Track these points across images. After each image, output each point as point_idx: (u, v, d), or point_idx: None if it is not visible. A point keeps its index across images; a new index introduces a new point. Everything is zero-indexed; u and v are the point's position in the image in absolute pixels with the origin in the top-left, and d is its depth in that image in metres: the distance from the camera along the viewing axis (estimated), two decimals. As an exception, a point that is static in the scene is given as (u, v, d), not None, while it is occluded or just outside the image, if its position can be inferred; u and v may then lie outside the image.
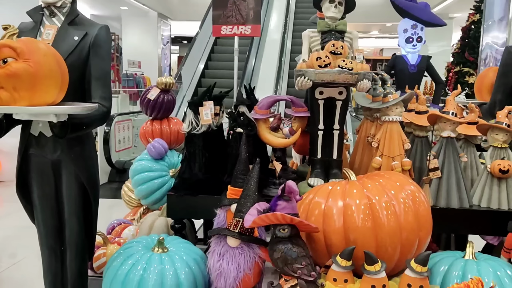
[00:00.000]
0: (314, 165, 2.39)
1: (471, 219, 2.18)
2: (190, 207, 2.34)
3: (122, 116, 6.92)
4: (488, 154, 2.24)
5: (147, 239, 2.22)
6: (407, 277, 1.66)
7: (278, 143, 2.39)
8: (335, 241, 1.77)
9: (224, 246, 1.84)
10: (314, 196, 1.93)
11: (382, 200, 1.78)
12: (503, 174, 2.15)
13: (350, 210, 1.78)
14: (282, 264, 1.69)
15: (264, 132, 2.39)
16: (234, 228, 1.84)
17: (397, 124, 2.27)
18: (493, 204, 2.19)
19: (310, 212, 1.88)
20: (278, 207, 1.71)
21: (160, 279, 1.94)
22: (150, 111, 3.25)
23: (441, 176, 2.21)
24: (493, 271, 1.88)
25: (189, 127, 2.37)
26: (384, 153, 2.25)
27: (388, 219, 1.75)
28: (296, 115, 2.56)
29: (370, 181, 1.89)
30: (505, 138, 2.21)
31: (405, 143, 2.26)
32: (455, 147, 2.24)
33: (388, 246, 1.73)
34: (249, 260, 1.80)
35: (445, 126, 2.23)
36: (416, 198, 1.84)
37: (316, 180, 2.31)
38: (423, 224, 1.81)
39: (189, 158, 2.39)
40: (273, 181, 2.42)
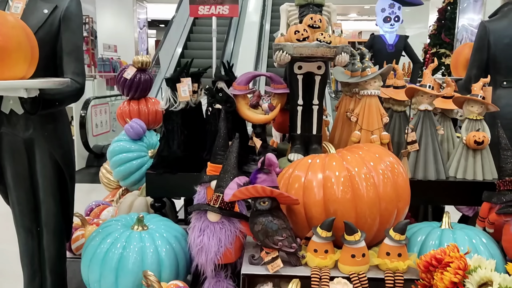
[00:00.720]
0: (293, 141, 2.39)
1: (447, 190, 2.22)
2: (169, 185, 2.31)
3: (99, 100, 6.78)
4: (463, 126, 2.27)
5: (126, 217, 2.19)
6: (386, 245, 1.68)
7: (258, 119, 2.38)
8: (315, 213, 1.78)
9: (205, 222, 1.82)
10: (293, 170, 1.93)
11: (362, 172, 1.79)
12: (478, 145, 2.19)
13: (329, 182, 1.78)
14: (263, 236, 1.68)
15: (243, 108, 2.37)
16: (215, 203, 1.83)
17: (375, 98, 2.27)
18: (468, 175, 2.24)
19: (290, 186, 1.88)
20: (258, 180, 1.70)
21: (140, 257, 1.93)
22: (127, 90, 3.19)
23: (418, 149, 2.23)
24: (469, 239, 1.92)
25: (166, 104, 2.33)
26: (363, 127, 2.25)
27: (368, 190, 1.76)
28: (275, 91, 2.54)
29: (349, 154, 1.90)
30: (480, 110, 2.25)
31: (383, 117, 2.27)
32: (432, 120, 2.27)
33: (368, 216, 1.75)
34: (230, 235, 1.80)
35: (422, 100, 2.25)
36: (395, 170, 1.86)
37: (296, 156, 2.31)
38: (401, 195, 1.83)
39: (167, 136, 2.35)
40: (253, 157, 2.42)
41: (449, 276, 1.43)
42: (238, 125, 2.45)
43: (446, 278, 1.43)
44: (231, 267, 1.91)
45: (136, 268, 1.91)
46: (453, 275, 1.42)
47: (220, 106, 2.30)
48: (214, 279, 1.89)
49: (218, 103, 2.32)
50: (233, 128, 2.37)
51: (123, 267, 1.89)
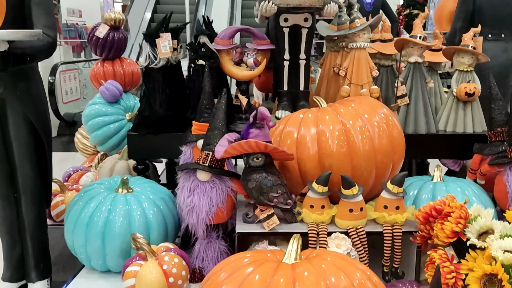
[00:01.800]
0: (280, 98, 2.30)
1: (438, 144, 2.19)
2: (152, 146, 2.21)
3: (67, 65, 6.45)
4: (454, 78, 2.23)
5: (109, 180, 2.08)
6: (383, 199, 1.65)
7: (243, 75, 2.27)
8: (310, 168, 1.72)
9: (194, 181, 1.74)
10: (285, 126, 1.85)
11: (357, 125, 1.73)
12: (469, 97, 2.16)
13: (324, 137, 1.72)
14: (257, 193, 1.62)
15: (227, 64, 2.26)
16: (204, 161, 1.74)
17: (364, 51, 2.20)
18: (458, 128, 2.21)
19: (282, 142, 1.81)
20: (251, 135, 1.62)
21: (127, 220, 1.84)
22: (100, 50, 3.01)
23: (409, 103, 2.19)
24: (461, 191, 1.92)
25: (146, 61, 2.19)
26: (352, 81, 2.18)
27: (363, 143, 1.70)
28: (259, 47, 2.43)
29: (342, 107, 1.83)
30: (470, 61, 2.20)
31: (373, 70, 2.20)
32: (422, 72, 2.22)
33: (364, 170, 1.70)
34: (221, 194, 1.73)
35: (412, 51, 2.19)
36: (390, 122, 1.81)
37: (283, 112, 2.23)
38: (396, 147, 1.78)
39: (148, 95, 2.23)
40: (239, 116, 2.32)
41: (451, 225, 1.40)
42: (222, 83, 2.34)
43: (447, 228, 1.41)
44: (222, 227, 1.85)
45: (124, 231, 1.83)
46: (455, 225, 1.40)
47: (203, 62, 2.18)
48: (205, 240, 1.83)
49: (201, 58, 2.20)
50: (217, 85, 2.26)
51: (110, 231, 1.81)
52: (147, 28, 7.51)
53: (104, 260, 1.86)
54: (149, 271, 1.65)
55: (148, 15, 9.78)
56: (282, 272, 1.17)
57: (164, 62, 2.21)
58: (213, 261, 1.82)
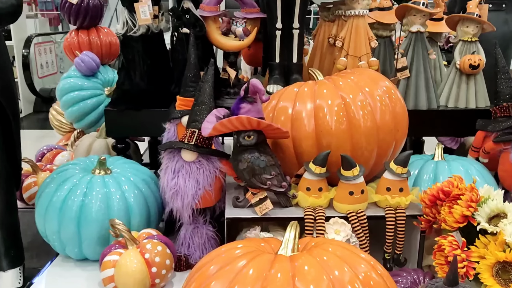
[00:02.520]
0: (272, 71, 2.13)
1: (439, 120, 2.06)
2: (133, 123, 2.03)
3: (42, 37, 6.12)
4: (457, 49, 2.08)
5: (85, 160, 1.91)
6: (386, 180, 1.51)
7: (231, 45, 2.09)
8: (306, 147, 1.57)
9: (179, 162, 1.58)
10: (278, 100, 1.69)
11: (357, 99, 1.58)
12: (473, 69, 2.02)
13: (322, 112, 1.56)
14: (249, 175, 1.47)
15: (215, 33, 2.07)
16: (190, 140, 1.57)
17: (363, 19, 2.03)
18: (460, 103, 2.08)
19: (276, 119, 1.65)
20: (242, 110, 1.45)
21: (105, 204, 1.68)
22: (74, 18, 2.76)
23: (409, 76, 2.04)
24: (464, 170, 1.80)
25: (124, 28, 1.99)
26: (350, 53, 2.02)
27: (364, 119, 1.56)
28: (248, 16, 2.24)
29: (341, 79, 1.67)
30: (475, 31, 2.06)
31: (371, 40, 2.04)
32: (425, 43, 2.07)
33: (364, 149, 1.56)
34: (209, 175, 1.57)
35: (414, 20, 2.03)
36: (392, 96, 1.66)
37: (275, 87, 2.06)
38: (399, 124, 1.64)
39: (127, 66, 2.03)
40: (226, 90, 2.15)
41: (461, 209, 1.28)
42: (208, 54, 2.15)
43: (457, 212, 1.28)
44: (210, 212, 1.70)
45: (101, 216, 1.66)
46: (465, 208, 1.27)
47: (188, 31, 1.98)
48: (191, 226, 1.68)
49: (186, 26, 2.00)
50: (203, 57, 2.08)
51: (85, 216, 1.64)
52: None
53: (80, 248, 1.70)
54: (129, 261, 1.50)
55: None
56: (280, 265, 1.02)
57: (144, 30, 2.01)
58: (200, 248, 1.68)
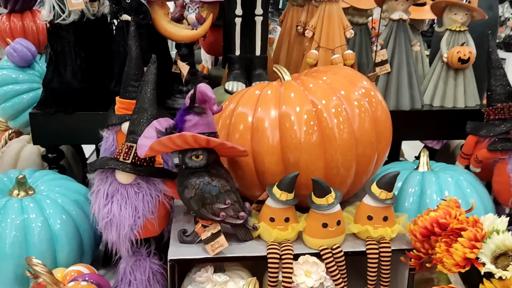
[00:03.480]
0: (231, 65, 1.82)
1: (424, 122, 1.80)
2: (63, 129, 1.69)
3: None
4: (443, 40, 1.82)
5: (3, 177, 1.56)
6: (367, 206, 1.24)
7: (182, 35, 1.76)
8: (269, 165, 1.28)
9: (113, 184, 1.27)
10: (236, 105, 1.39)
11: (331, 105, 1.29)
12: (462, 64, 1.76)
13: (288, 122, 1.27)
14: (198, 205, 1.17)
15: (162, 20, 1.73)
16: (126, 157, 1.26)
17: (337, 5, 1.74)
18: (447, 102, 1.83)
19: (233, 128, 1.35)
20: (187, 123, 1.15)
21: (22, 234, 1.35)
22: (4, 0, 2.38)
23: (390, 71, 1.77)
24: (454, 182, 1.56)
25: (50, 15, 1.64)
26: (322, 45, 1.73)
27: (340, 129, 1.27)
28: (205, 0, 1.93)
29: (311, 80, 1.38)
30: (465, 19, 1.79)
31: (347, 30, 1.76)
32: (408, 33, 1.79)
33: (341, 166, 1.28)
34: (151, 201, 1.26)
35: (396, 5, 1.75)
36: (373, 98, 1.38)
37: (235, 85, 1.76)
38: (382, 133, 1.37)
39: (56, 61, 1.68)
40: (179, 88, 1.83)
41: (463, 250, 1.03)
42: (157, 44, 1.82)
43: (457, 253, 1.03)
44: (155, 241, 1.40)
45: (17, 251, 1.34)
46: (468, 249, 1.02)
47: (129, 18, 1.64)
48: (132, 258, 1.37)
49: (126, 12, 1.66)
50: (150, 49, 1.75)
51: (-4, 252, 1.32)
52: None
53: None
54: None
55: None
56: None
57: (76, 16, 1.67)
58: (144, 285, 1.38)
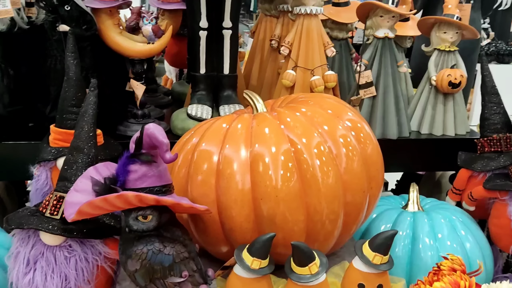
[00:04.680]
0: (195, 85, 1.57)
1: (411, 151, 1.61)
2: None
3: None
4: (432, 61, 1.64)
5: None
6: (357, 272, 1.00)
7: (136, 50, 1.49)
8: (239, 220, 1.03)
9: (37, 246, 0.99)
10: (200, 140, 1.14)
11: (312, 143, 1.06)
12: (453, 88, 1.58)
13: (262, 164, 1.03)
14: (145, 280, 0.90)
15: (111, 32, 1.46)
16: (54, 211, 0.99)
17: (317, 20, 1.52)
18: (436, 130, 1.64)
19: (195, 167, 1.09)
20: (132, 175, 0.88)
21: None
22: None
23: (376, 95, 1.57)
24: (447, 223, 1.37)
25: (-31, 25, 1.34)
26: (300, 64, 1.51)
27: (324, 173, 1.04)
28: (165, 7, 1.68)
29: (289, 113, 1.14)
30: (455, 38, 1.61)
31: (327, 48, 1.54)
32: (393, 52, 1.60)
33: (326, 218, 1.05)
34: (86, 267, 0.99)
35: (381, 22, 1.55)
36: (360, 132, 1.16)
37: (199, 108, 1.52)
38: (373, 173, 1.15)
39: (-23, 80, 1.39)
40: (133, 112, 1.57)
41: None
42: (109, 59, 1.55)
43: None
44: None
45: None
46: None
47: (67, 28, 1.36)
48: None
49: (65, 22, 1.38)
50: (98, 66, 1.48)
51: None
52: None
53: None
54: None
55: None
56: None
57: (4, 26, 1.38)
58: None
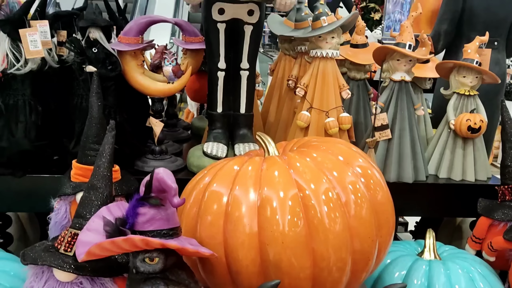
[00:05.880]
0: (212, 123, 1.61)
1: (428, 196, 1.58)
2: (11, 195, 1.45)
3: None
4: (451, 105, 1.63)
5: None
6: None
7: (156, 89, 1.56)
8: (245, 263, 1.04)
9: (50, 282, 1.02)
10: (211, 180, 1.16)
11: (321, 189, 1.07)
12: (472, 133, 1.56)
13: (269, 208, 1.04)
14: (150, 322, 0.93)
15: (134, 72, 1.53)
16: (68, 248, 1.02)
17: (332, 63, 1.54)
18: (455, 175, 1.62)
19: (205, 207, 1.12)
20: (140, 218, 0.91)
21: None
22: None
23: (391, 138, 1.56)
24: (465, 275, 1.33)
25: (3, 64, 1.43)
26: (315, 106, 1.53)
27: (332, 219, 1.05)
28: (187, 47, 1.74)
29: (299, 157, 1.16)
30: (474, 82, 1.61)
31: (342, 90, 1.56)
32: (410, 95, 1.60)
33: (333, 265, 1.05)
34: (96, 305, 1.02)
35: (398, 66, 1.56)
36: (370, 179, 1.16)
37: (215, 146, 1.55)
38: (383, 220, 1.14)
39: (7, 115, 1.46)
40: (151, 148, 1.61)
41: None
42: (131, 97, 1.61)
43: None
44: None
45: None
46: None
47: (94, 69, 1.44)
48: None
49: (92, 63, 1.46)
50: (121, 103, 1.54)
51: None
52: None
53: None
54: None
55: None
56: None
57: (34, 65, 1.46)
58: None
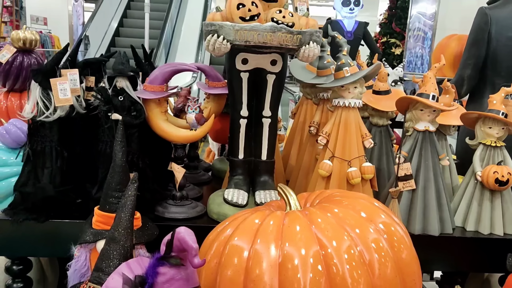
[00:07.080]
0: (233, 169, 1.61)
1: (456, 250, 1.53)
2: (32, 240, 1.46)
3: None
4: (477, 156, 1.60)
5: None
6: None
7: (179, 136, 1.57)
8: (265, 323, 1.02)
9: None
10: (233, 232, 1.15)
11: (343, 247, 1.05)
12: (500, 186, 1.52)
13: (291, 266, 1.02)
14: None
15: (158, 119, 1.56)
16: (86, 302, 1.02)
17: (355, 112, 1.54)
18: (483, 228, 1.56)
19: (226, 260, 1.10)
20: (160, 278, 0.91)
21: None
22: (3, 79, 2.28)
23: (415, 188, 1.53)
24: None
25: (33, 112, 1.48)
26: (337, 155, 1.52)
27: (354, 279, 1.02)
28: (211, 91, 1.77)
29: (320, 213, 1.14)
30: (501, 134, 1.58)
31: (365, 139, 1.55)
32: (434, 145, 1.57)
33: (355, 329, 1.02)
34: None
35: (421, 116, 1.54)
36: (394, 236, 1.13)
37: (235, 193, 1.55)
38: (408, 279, 1.11)
39: (33, 161, 1.50)
40: (172, 193, 1.62)
41: None
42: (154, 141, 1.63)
43: None
44: None
45: None
46: None
47: (120, 117, 1.47)
48: None
49: (117, 111, 1.49)
50: (144, 148, 1.56)
51: None
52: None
53: None
54: None
55: (114, 24, 9.07)
56: None
57: (62, 112, 1.50)
58: None
